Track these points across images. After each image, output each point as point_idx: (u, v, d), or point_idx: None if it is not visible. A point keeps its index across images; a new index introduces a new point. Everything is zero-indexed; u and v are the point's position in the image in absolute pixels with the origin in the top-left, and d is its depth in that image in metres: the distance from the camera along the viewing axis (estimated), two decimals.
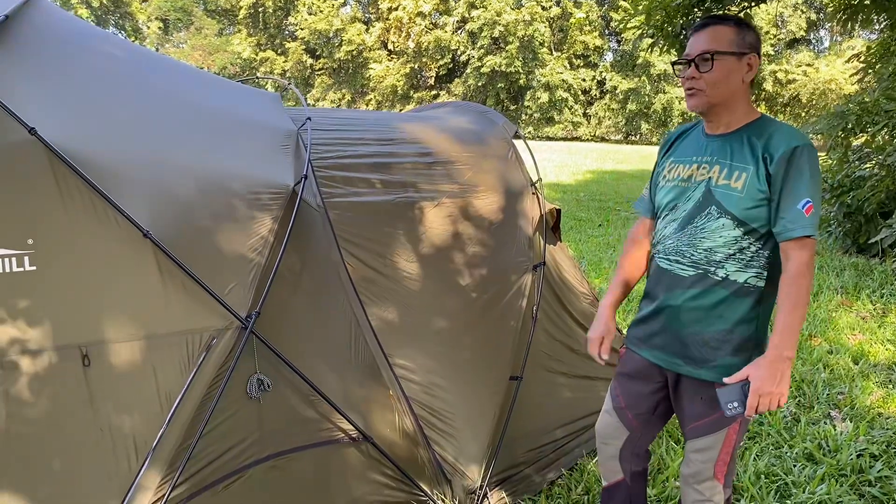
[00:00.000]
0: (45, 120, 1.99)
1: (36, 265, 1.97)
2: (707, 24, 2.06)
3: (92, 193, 2.01)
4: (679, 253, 2.13)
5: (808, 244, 1.91)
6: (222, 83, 3.25)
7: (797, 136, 1.97)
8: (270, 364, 2.34)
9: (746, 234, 2.01)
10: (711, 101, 2.05)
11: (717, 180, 2.05)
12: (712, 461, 2.14)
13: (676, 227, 2.14)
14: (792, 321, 1.89)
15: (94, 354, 2.02)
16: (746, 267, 2.03)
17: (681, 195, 2.15)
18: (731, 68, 2.01)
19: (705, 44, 2.02)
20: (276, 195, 2.41)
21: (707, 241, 2.06)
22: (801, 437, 3.63)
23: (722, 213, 2.03)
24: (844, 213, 8.63)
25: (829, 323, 5.61)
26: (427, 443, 2.77)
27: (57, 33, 2.48)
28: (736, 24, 2.03)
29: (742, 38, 2.01)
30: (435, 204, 3.01)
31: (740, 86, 2.04)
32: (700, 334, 2.09)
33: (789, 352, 1.89)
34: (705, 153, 2.12)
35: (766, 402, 1.88)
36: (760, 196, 1.97)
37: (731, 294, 2.05)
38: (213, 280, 2.17)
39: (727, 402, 1.92)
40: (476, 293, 3.04)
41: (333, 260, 2.64)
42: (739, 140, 2.05)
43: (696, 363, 2.11)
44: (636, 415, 2.32)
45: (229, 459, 2.26)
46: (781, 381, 1.88)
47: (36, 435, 1.98)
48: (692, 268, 2.09)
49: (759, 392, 1.87)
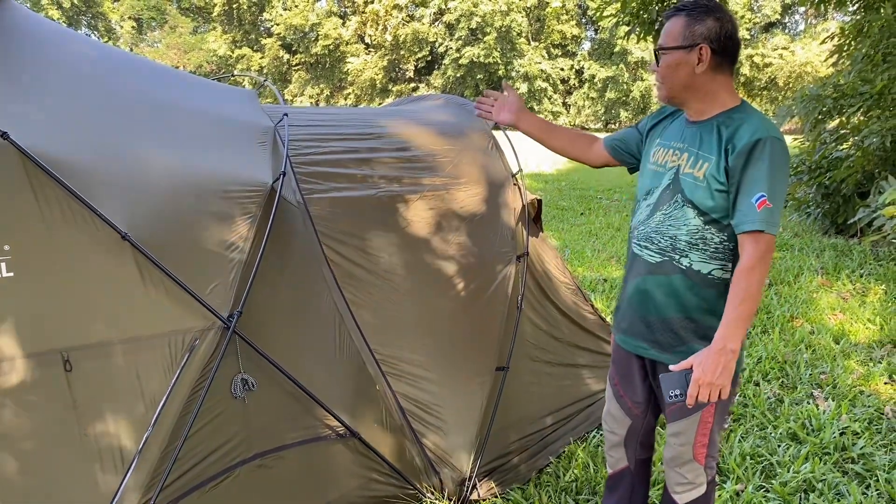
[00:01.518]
0: (18, 124, 1.97)
1: (13, 271, 1.94)
2: (669, 17, 2.09)
3: (68, 197, 1.98)
4: (648, 239, 2.15)
5: (760, 239, 1.87)
6: (197, 82, 3.22)
7: (763, 128, 1.93)
8: (254, 363, 2.33)
9: (708, 224, 2.01)
10: (668, 94, 2.10)
11: (685, 168, 2.06)
12: (690, 444, 2.15)
13: (648, 213, 2.16)
14: (738, 314, 1.87)
15: (75, 359, 2.01)
16: (710, 258, 2.02)
17: (655, 179, 2.18)
18: (678, 62, 2.02)
19: (662, 39, 2.07)
20: (255, 193, 2.39)
21: (672, 228, 2.08)
22: (785, 418, 3.67)
23: (685, 202, 2.04)
24: (822, 194, 8.72)
25: (810, 303, 5.67)
26: (415, 436, 2.77)
27: (28, 36, 2.45)
28: (687, 16, 2.01)
29: (690, 31, 2.00)
30: (417, 197, 3.01)
31: (695, 77, 2.02)
32: (664, 319, 2.11)
33: (733, 344, 1.87)
34: (681, 139, 2.14)
35: (706, 392, 1.87)
36: (718, 187, 1.96)
37: (694, 283, 2.05)
38: (194, 280, 2.16)
39: (669, 388, 1.94)
40: (460, 285, 3.05)
41: (315, 256, 2.63)
42: (710, 129, 2.04)
43: (662, 348, 2.14)
44: (635, 402, 2.34)
45: (216, 460, 2.25)
46: (723, 373, 1.86)
47: (19, 441, 1.96)
48: (658, 254, 2.11)
49: (699, 382, 1.87)
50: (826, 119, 8.53)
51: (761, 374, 4.26)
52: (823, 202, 8.78)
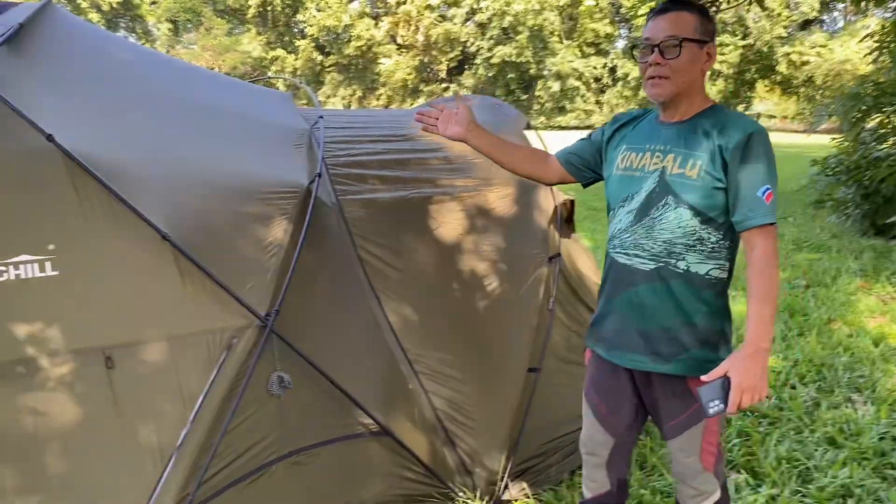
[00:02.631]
0: (62, 126, 2.02)
1: (57, 270, 2.00)
2: (669, 9, 1.98)
3: (110, 197, 2.03)
4: (638, 246, 2.04)
5: (770, 232, 1.86)
6: (234, 84, 3.27)
7: (750, 124, 1.93)
8: (290, 361, 2.36)
9: (704, 223, 1.95)
10: (676, 90, 1.98)
11: (672, 169, 1.98)
12: (697, 454, 2.09)
13: (632, 220, 2.05)
14: (765, 312, 1.82)
15: (116, 357, 2.06)
16: (707, 258, 1.97)
17: (633, 184, 2.07)
18: (695, 56, 1.96)
19: (671, 29, 1.94)
20: (291, 194, 2.43)
21: (665, 232, 1.99)
22: (822, 422, 3.61)
23: (679, 203, 1.96)
24: (862, 194, 8.55)
25: (848, 306, 5.57)
26: (447, 436, 2.79)
27: (71, 40, 2.52)
28: (699, 12, 1.98)
29: (704, 27, 1.96)
30: (449, 199, 3.02)
31: (699, 75, 2.00)
32: (664, 328, 2.02)
33: (766, 343, 1.82)
34: (659, 141, 2.05)
35: (749, 397, 1.80)
36: (716, 184, 1.91)
37: (693, 286, 1.98)
38: (232, 279, 2.20)
39: (709, 400, 1.84)
40: (492, 286, 3.05)
41: (350, 257, 2.66)
42: (693, 128, 1.99)
43: (663, 359, 2.03)
44: (621, 420, 2.22)
45: (252, 456, 2.29)
46: (763, 374, 1.81)
47: (62, 437, 2.01)
48: (652, 261, 2.01)
49: (741, 387, 1.80)
50: (866, 118, 8.36)
51: (798, 377, 4.19)
52: (863, 203, 8.61)
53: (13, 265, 1.94)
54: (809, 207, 10.67)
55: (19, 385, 1.97)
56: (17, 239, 1.95)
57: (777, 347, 4.65)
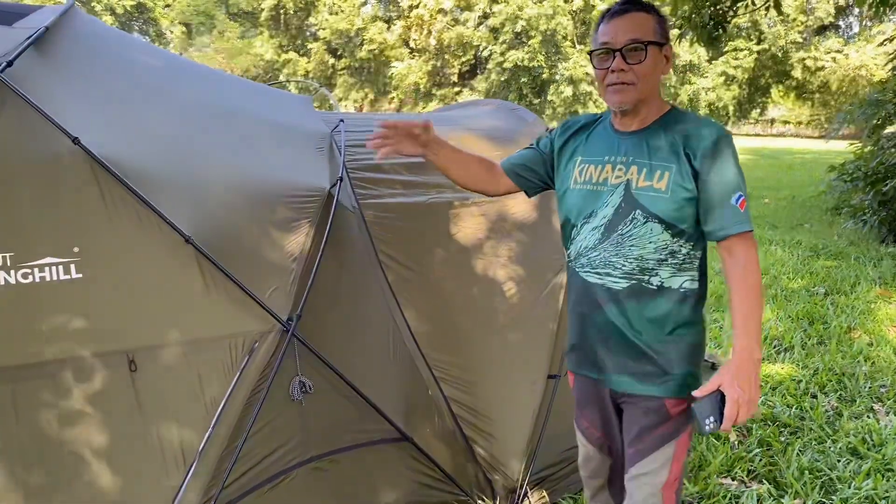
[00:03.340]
0: (88, 129, 2.02)
1: (82, 273, 2.00)
2: (628, 10, 1.85)
3: (135, 201, 2.03)
4: (608, 265, 1.92)
5: (749, 238, 1.78)
6: (255, 88, 3.28)
7: (715, 127, 1.83)
8: (312, 366, 2.35)
9: (675, 236, 1.85)
10: (640, 96, 1.85)
11: (638, 182, 1.86)
12: (659, 485, 1.94)
13: (599, 237, 1.93)
14: (752, 321, 1.75)
15: (140, 360, 2.05)
16: (680, 271, 1.88)
17: (595, 200, 1.94)
18: (657, 60, 1.85)
19: (632, 31, 1.82)
20: (313, 198, 2.42)
21: (636, 248, 1.87)
22: (845, 432, 3.57)
23: (648, 217, 1.84)
24: (879, 201, 8.47)
25: (868, 315, 5.51)
26: (466, 442, 2.77)
27: (95, 44, 2.52)
28: (655, 12, 1.87)
29: (662, 28, 1.86)
30: (468, 203, 3.01)
31: (659, 79, 1.90)
32: (642, 348, 1.91)
33: (757, 353, 1.74)
34: (619, 152, 1.92)
35: (746, 410, 1.71)
36: (686, 195, 1.80)
37: (669, 301, 1.88)
38: (254, 284, 2.19)
39: (704, 417, 1.73)
40: (511, 291, 3.03)
41: (370, 261, 2.65)
42: (656, 136, 1.87)
43: (646, 379, 1.92)
44: (614, 441, 2.11)
45: (274, 461, 2.28)
46: (756, 386, 1.73)
47: (86, 440, 2.01)
48: (625, 279, 1.90)
49: (737, 401, 1.71)
50: (885, 124, 8.29)
51: (818, 387, 4.15)
52: (881, 209, 8.53)
53: (38, 267, 1.95)
54: (826, 214, 10.59)
55: (44, 387, 1.97)
56: (42, 241, 1.95)
57: (797, 356, 4.61)
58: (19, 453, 1.94)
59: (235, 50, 45.09)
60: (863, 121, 8.45)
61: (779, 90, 39.57)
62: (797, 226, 9.71)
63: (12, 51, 2.06)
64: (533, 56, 37.20)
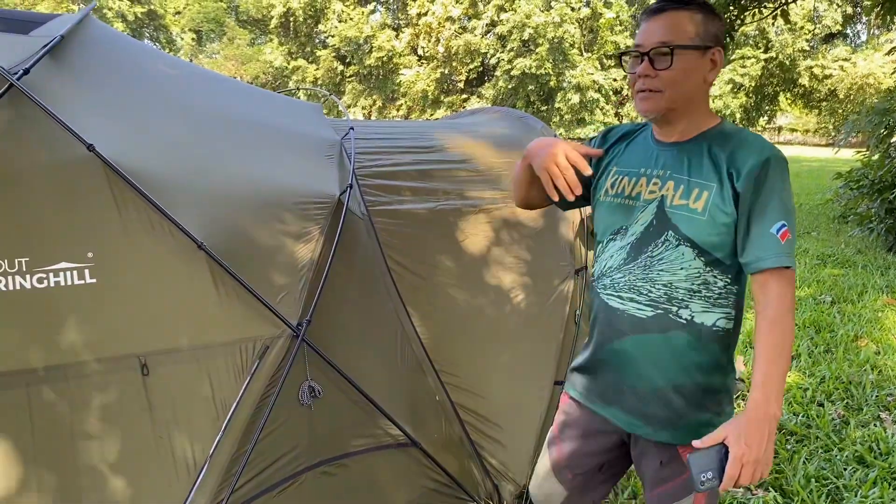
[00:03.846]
0: (103, 136, 2.05)
1: (96, 278, 2.03)
2: (664, 9, 1.67)
3: (148, 207, 2.06)
4: (634, 289, 1.73)
5: (787, 276, 1.56)
6: (266, 95, 3.31)
7: (767, 147, 1.63)
8: (321, 371, 2.37)
9: (709, 265, 1.65)
10: (670, 105, 1.67)
11: (673, 199, 1.68)
12: None
13: (626, 257, 1.75)
14: (776, 371, 1.52)
15: (152, 364, 2.08)
16: (714, 306, 1.67)
17: (626, 215, 1.77)
18: (693, 65, 1.64)
19: (662, 34, 1.64)
20: (323, 205, 2.45)
21: (666, 273, 1.68)
22: (851, 440, 3.57)
23: (681, 240, 1.66)
24: (887, 209, 8.46)
25: (875, 323, 5.50)
26: (474, 448, 2.79)
27: (110, 52, 2.56)
28: (701, 10, 1.65)
29: (706, 29, 1.64)
30: (476, 210, 3.03)
31: (702, 86, 1.68)
32: (660, 388, 1.72)
33: (775, 409, 1.51)
34: (656, 165, 1.75)
35: (750, 472, 1.48)
36: (726, 219, 1.61)
37: (696, 340, 1.68)
38: (265, 289, 2.22)
39: (700, 472, 1.50)
40: (518, 298, 3.05)
41: (379, 267, 2.67)
42: (698, 151, 1.68)
43: (657, 423, 1.74)
44: (575, 474, 1.94)
45: (282, 466, 2.30)
46: (768, 445, 1.50)
47: (97, 443, 2.04)
48: (650, 307, 1.70)
49: (741, 459, 1.48)
50: (893, 133, 8.28)
51: (825, 395, 4.15)
52: (888, 218, 8.51)
53: (53, 272, 1.97)
54: (833, 222, 10.58)
55: (58, 390, 1.99)
56: (57, 246, 1.98)
57: (803, 364, 4.61)
58: (34, 456, 1.97)
59: (245, 57, 45.34)
60: (869, 129, 8.44)
61: (786, 98, 39.52)
62: (804, 234, 9.69)
63: (29, 59, 2.10)
64: (540, 63, 37.27)
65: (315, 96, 29.74)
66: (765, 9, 8.36)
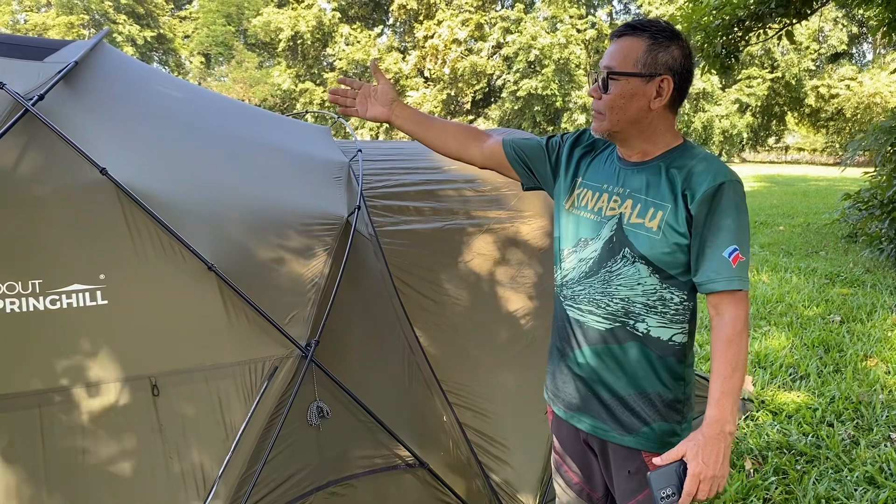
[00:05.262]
0: (115, 160, 2.09)
1: (107, 299, 2.05)
2: (622, 34, 1.71)
3: (159, 230, 2.09)
4: (593, 302, 1.78)
5: (739, 297, 1.60)
6: (274, 118, 3.35)
7: (722, 171, 1.65)
8: (329, 391, 2.39)
9: (665, 281, 1.70)
10: (612, 128, 1.72)
11: (630, 217, 1.72)
12: None
13: (586, 271, 1.80)
14: (731, 388, 1.56)
15: (162, 384, 2.10)
16: (671, 322, 1.72)
17: (588, 229, 1.82)
18: (633, 92, 1.67)
19: (610, 59, 1.69)
20: (331, 226, 2.48)
21: (623, 289, 1.73)
22: (861, 461, 3.54)
23: (636, 258, 1.70)
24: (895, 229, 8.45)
25: (885, 342, 5.47)
26: (481, 468, 2.78)
27: (122, 77, 2.61)
28: (652, 37, 1.67)
29: (654, 56, 1.66)
30: (482, 230, 3.06)
31: (647, 113, 1.70)
32: (623, 397, 1.77)
33: (730, 426, 1.56)
34: (618, 183, 1.79)
35: (707, 488, 1.54)
36: (679, 239, 1.65)
37: (653, 352, 1.73)
38: (274, 310, 2.24)
39: (660, 488, 1.57)
40: (526, 318, 3.06)
41: (386, 287, 2.69)
42: (657, 172, 1.72)
43: (624, 429, 1.78)
44: (593, 488, 1.98)
45: (291, 486, 2.31)
46: (724, 462, 1.55)
47: (108, 463, 2.05)
48: (608, 320, 1.76)
49: (699, 476, 1.53)
50: None
51: (834, 415, 4.12)
52: None
53: (66, 294, 2.00)
54: (842, 241, 10.55)
55: (69, 410, 2.02)
56: (70, 268, 2.02)
57: (812, 384, 4.59)
58: (45, 476, 1.98)
59: (253, 80, 45.72)
60: (876, 147, 8.45)
61: (793, 117, 39.58)
62: (812, 253, 9.67)
63: (43, 84, 2.14)
64: (546, 84, 37.47)
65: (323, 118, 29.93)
66: (769, 29, 8.42)
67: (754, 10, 7.89)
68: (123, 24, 41.58)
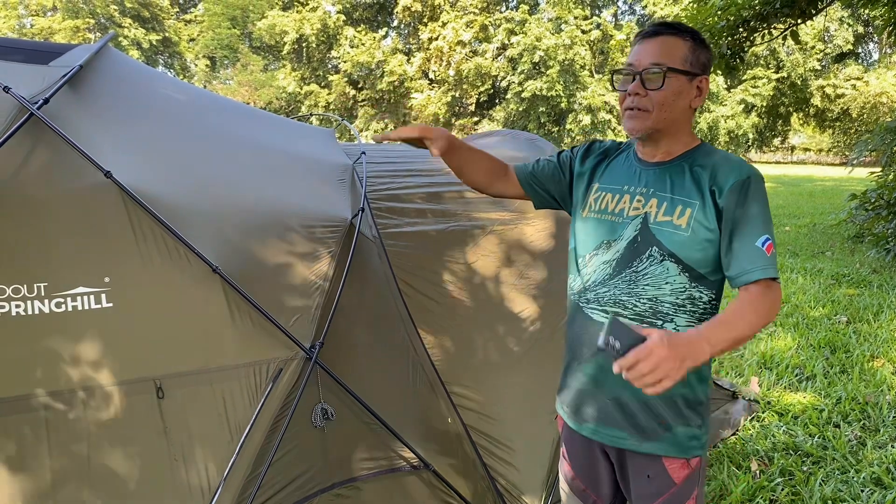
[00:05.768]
0: (120, 163, 2.10)
1: (112, 302, 2.06)
2: (659, 33, 1.72)
3: (164, 232, 2.10)
4: (619, 303, 1.75)
5: (774, 288, 1.57)
6: (279, 121, 3.36)
7: (746, 166, 1.69)
8: (333, 393, 2.39)
9: (695, 280, 1.69)
10: (656, 125, 1.72)
11: (657, 216, 1.72)
12: None
13: (611, 272, 1.78)
14: (732, 329, 1.49)
15: (167, 386, 2.11)
16: (700, 322, 1.69)
17: (610, 231, 1.80)
18: (681, 89, 1.70)
19: (656, 55, 1.69)
20: (335, 228, 2.48)
21: (651, 288, 1.71)
22: (868, 462, 3.53)
23: (665, 256, 1.69)
24: None
25: (891, 343, 5.45)
26: (486, 471, 2.78)
27: (126, 80, 2.62)
28: (692, 38, 1.72)
29: (696, 57, 1.71)
30: (486, 232, 3.05)
31: (687, 111, 1.74)
32: (647, 400, 1.74)
33: (712, 347, 1.44)
34: (640, 183, 1.79)
35: (649, 367, 1.33)
36: (709, 235, 1.66)
37: None
38: (278, 312, 2.25)
39: (609, 334, 1.38)
40: (530, 320, 3.06)
41: (390, 289, 2.69)
42: (680, 170, 1.74)
43: (643, 435, 1.76)
44: (600, 495, 1.96)
45: (296, 488, 2.31)
46: (680, 365, 1.36)
47: (114, 465, 2.06)
48: (635, 321, 1.73)
49: (651, 348, 1.34)
50: None
51: (841, 416, 4.11)
52: None
53: (71, 297, 2.01)
54: (848, 241, 10.51)
55: (74, 413, 2.02)
56: (75, 271, 2.02)
57: (819, 385, 4.57)
58: (50, 479, 1.99)
59: (258, 83, 45.81)
60: (882, 147, 8.42)
61: (799, 118, 39.48)
62: (818, 253, 9.64)
63: (48, 88, 2.15)
64: (551, 85, 37.44)
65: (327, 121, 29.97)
66: (774, 29, 8.40)
67: (759, 10, 7.88)
68: (129, 27, 41.71)
